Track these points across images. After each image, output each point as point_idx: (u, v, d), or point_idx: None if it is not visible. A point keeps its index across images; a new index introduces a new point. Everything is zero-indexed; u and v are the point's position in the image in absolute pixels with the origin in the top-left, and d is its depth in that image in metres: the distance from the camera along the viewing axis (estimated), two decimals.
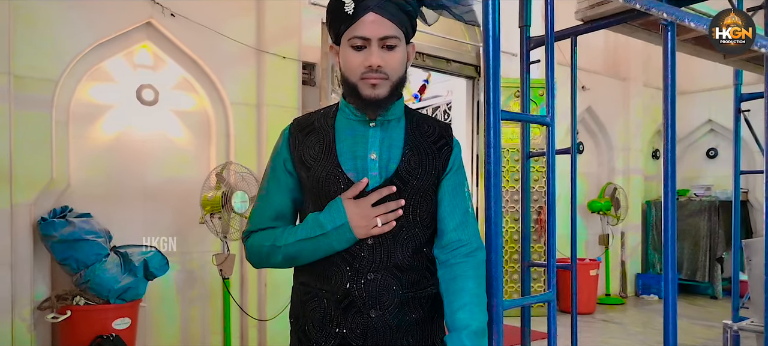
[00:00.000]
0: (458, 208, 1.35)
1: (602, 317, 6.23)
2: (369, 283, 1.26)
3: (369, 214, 1.24)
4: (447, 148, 1.35)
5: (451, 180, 1.35)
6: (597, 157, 7.33)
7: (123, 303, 3.25)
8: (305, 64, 4.54)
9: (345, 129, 1.31)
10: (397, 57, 1.24)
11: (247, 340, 4.08)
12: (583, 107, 6.85)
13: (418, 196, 1.30)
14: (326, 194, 1.27)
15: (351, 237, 1.24)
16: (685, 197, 7.62)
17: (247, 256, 1.39)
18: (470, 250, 1.33)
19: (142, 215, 3.78)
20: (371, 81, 1.22)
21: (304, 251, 1.27)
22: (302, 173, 1.30)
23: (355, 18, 1.20)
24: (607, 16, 2.43)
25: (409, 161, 1.30)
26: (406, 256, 1.28)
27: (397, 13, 1.22)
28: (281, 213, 1.34)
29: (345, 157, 1.28)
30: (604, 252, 6.99)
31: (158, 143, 3.87)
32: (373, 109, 1.25)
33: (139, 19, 3.67)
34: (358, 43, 1.21)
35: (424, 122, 1.37)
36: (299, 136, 1.32)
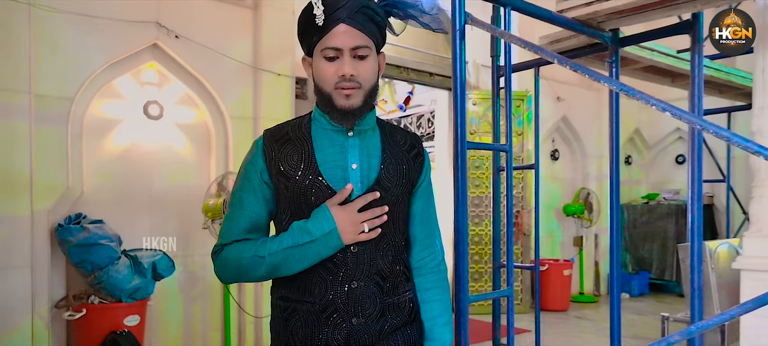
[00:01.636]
0: (430, 220, 1.42)
1: (576, 315, 6.63)
2: (352, 291, 1.28)
3: (356, 220, 1.25)
4: (420, 157, 1.39)
5: (424, 192, 1.41)
6: (572, 163, 7.76)
7: (133, 302, 3.59)
8: (298, 80, 4.89)
9: (322, 139, 1.31)
10: (368, 66, 1.25)
11: (244, 335, 4.42)
12: (558, 116, 7.28)
13: (397, 203, 1.33)
14: (308, 204, 1.27)
15: (338, 244, 1.24)
16: (655, 201, 8.08)
17: (219, 271, 1.34)
18: (437, 262, 1.43)
19: (148, 220, 4.11)
20: (345, 91, 1.23)
21: (290, 260, 1.25)
22: (281, 184, 1.28)
23: (327, 29, 1.22)
24: (564, 51, 2.82)
25: (387, 170, 1.32)
26: (387, 262, 1.31)
27: (368, 23, 1.24)
28: (257, 225, 1.31)
29: (326, 167, 1.28)
30: (578, 253, 7.42)
31: (163, 154, 4.20)
32: (347, 119, 1.26)
33: (147, 41, 4.00)
34: (331, 53, 1.22)
35: (396, 132, 1.40)
36: (275, 146, 1.30)
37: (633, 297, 7.59)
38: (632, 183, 8.58)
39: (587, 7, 2.27)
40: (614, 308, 2.60)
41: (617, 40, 2.59)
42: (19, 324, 3.40)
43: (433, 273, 1.41)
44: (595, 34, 2.49)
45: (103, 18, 3.77)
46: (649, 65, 3.04)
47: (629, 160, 8.57)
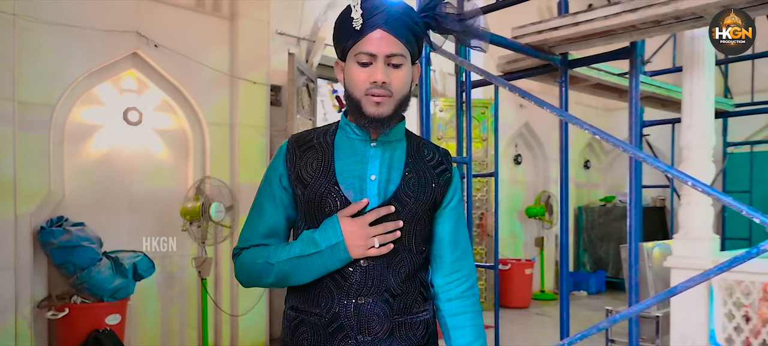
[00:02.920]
0: (461, 240, 1.36)
1: (536, 312, 6.98)
2: (359, 307, 1.23)
3: (366, 233, 1.20)
4: (447, 175, 1.33)
5: (454, 211, 1.34)
6: (533, 167, 8.13)
7: (115, 301, 3.74)
8: (273, 87, 5.10)
9: (345, 147, 1.27)
10: (402, 75, 1.21)
11: (220, 333, 4.60)
12: (521, 123, 7.63)
13: (415, 220, 1.27)
14: (322, 213, 1.24)
15: (345, 257, 1.20)
16: (611, 203, 8.51)
17: (237, 274, 1.33)
18: (470, 285, 1.36)
19: (127, 223, 4.26)
20: (375, 98, 1.19)
21: (297, 270, 1.23)
22: (298, 190, 1.26)
23: (363, 34, 1.18)
24: (518, 70, 3.11)
25: (408, 184, 1.27)
26: (398, 281, 1.26)
27: (405, 32, 1.20)
28: (275, 229, 1.29)
29: (343, 176, 1.24)
30: (539, 253, 7.79)
31: (142, 159, 4.35)
32: (375, 128, 1.22)
33: (127, 50, 4.15)
34: (365, 59, 1.19)
35: (424, 146, 1.34)
36: (297, 152, 1.28)
37: (590, 295, 8.00)
38: (591, 186, 9.02)
39: (538, 35, 2.55)
40: (564, 302, 2.90)
41: (566, 63, 2.89)
42: (2, 324, 3.53)
43: (462, 298, 1.35)
44: (547, 57, 2.78)
45: (84, 28, 3.91)
46: (597, 83, 3.35)
47: (588, 165, 9.00)
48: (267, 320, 4.88)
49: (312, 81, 5.36)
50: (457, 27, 1.28)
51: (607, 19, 2.33)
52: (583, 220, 8.68)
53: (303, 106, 5.12)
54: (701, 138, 2.63)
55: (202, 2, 4.62)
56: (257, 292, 4.67)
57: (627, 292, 2.72)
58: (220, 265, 4.60)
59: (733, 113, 5.18)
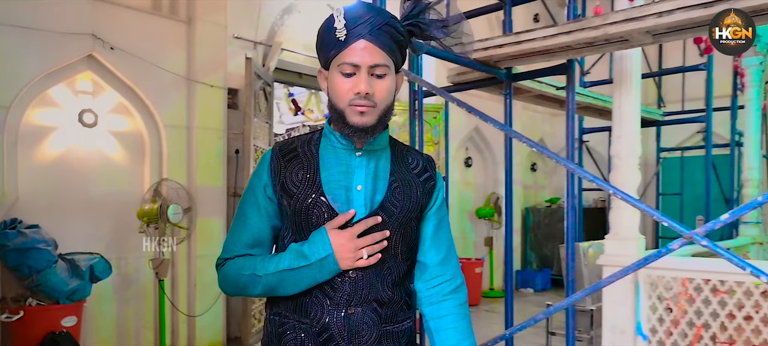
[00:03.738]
0: (443, 243, 1.35)
1: (486, 308, 7.27)
2: (349, 317, 1.23)
3: (355, 246, 1.21)
4: (431, 182, 1.33)
5: (436, 215, 1.34)
6: (483, 170, 8.44)
7: (71, 303, 3.76)
8: (230, 91, 5.17)
9: (330, 157, 1.27)
10: (385, 86, 1.20)
11: (177, 334, 4.65)
12: (471, 127, 7.92)
13: (401, 229, 1.27)
14: (308, 224, 1.24)
15: (334, 269, 1.21)
16: (556, 204, 8.92)
17: (222, 284, 1.33)
18: (455, 286, 1.35)
19: (83, 225, 4.26)
20: (359, 108, 1.18)
21: (285, 282, 1.23)
22: (284, 200, 1.25)
23: (346, 44, 1.17)
24: (467, 82, 3.32)
25: (394, 194, 1.27)
26: (386, 289, 1.26)
27: (388, 42, 1.20)
28: (259, 240, 1.29)
29: (330, 186, 1.24)
30: (488, 252, 8.10)
31: (97, 161, 4.36)
32: (359, 137, 1.21)
33: (82, 52, 4.16)
34: (348, 69, 1.18)
35: (408, 154, 1.35)
36: (281, 161, 1.27)
37: (537, 292, 8.36)
38: (537, 188, 9.42)
39: (485, 51, 2.77)
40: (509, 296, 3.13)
41: (510, 76, 3.12)
42: None
43: (447, 300, 1.34)
44: (493, 71, 3.00)
45: (39, 30, 3.91)
46: (539, 94, 3.61)
47: (535, 168, 9.39)
48: (224, 320, 4.95)
49: (269, 85, 5.45)
50: (440, 34, 1.27)
51: (545, 39, 2.56)
52: (530, 220, 9.05)
53: (260, 109, 5.21)
54: (629, 147, 2.90)
55: (158, 5, 4.66)
56: (214, 292, 4.74)
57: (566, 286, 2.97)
58: (178, 266, 4.65)
59: (664, 122, 5.58)
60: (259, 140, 5.14)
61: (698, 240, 1.81)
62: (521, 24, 7.51)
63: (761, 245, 4.99)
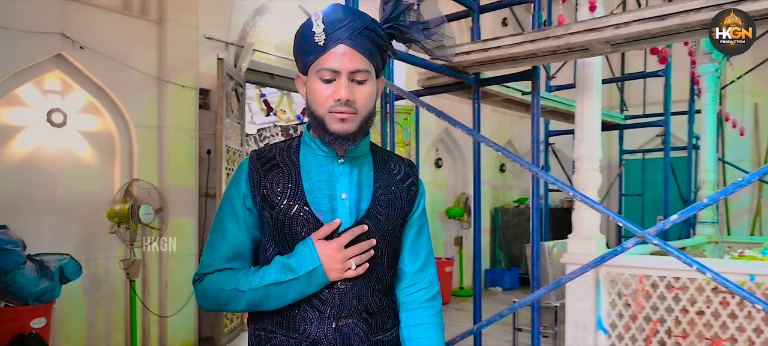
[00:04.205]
0: (422, 251, 1.34)
1: (456, 307, 7.41)
2: (340, 329, 1.20)
3: (343, 256, 1.17)
4: (414, 187, 1.31)
5: (417, 222, 1.32)
6: (453, 171, 8.58)
7: (40, 305, 3.73)
8: (202, 91, 5.18)
9: (311, 165, 1.23)
10: (366, 91, 1.17)
11: (148, 334, 4.64)
12: (441, 129, 8.05)
13: (387, 237, 1.25)
14: (293, 235, 1.20)
15: (323, 281, 1.18)
16: (524, 205, 9.12)
17: (200, 301, 1.26)
18: (431, 295, 1.33)
19: (51, 225, 4.22)
20: (340, 115, 1.14)
21: (271, 297, 1.18)
22: (265, 211, 1.21)
23: (325, 49, 1.14)
24: (437, 86, 3.42)
25: (379, 201, 1.24)
26: (375, 299, 1.24)
27: (369, 46, 1.16)
28: (239, 252, 1.24)
29: (313, 196, 1.20)
30: (458, 252, 8.25)
31: (66, 161, 4.32)
32: (340, 145, 1.18)
33: (51, 51, 4.12)
34: (327, 75, 1.14)
35: (390, 159, 1.32)
36: (260, 170, 1.22)
37: (505, 290, 8.54)
38: (506, 189, 9.61)
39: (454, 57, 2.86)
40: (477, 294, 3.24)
41: (479, 81, 3.23)
42: None
43: (423, 309, 1.32)
44: (461, 76, 3.10)
45: (7, 29, 3.86)
46: (506, 98, 3.73)
47: (503, 169, 9.58)
48: (196, 321, 4.96)
49: (240, 86, 5.47)
50: (421, 36, 1.24)
51: (511, 46, 2.67)
52: (498, 220, 9.23)
53: (232, 110, 5.23)
54: (591, 151, 3.03)
55: (129, 5, 4.64)
56: (186, 292, 4.74)
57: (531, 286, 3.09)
58: (149, 266, 4.64)
59: (626, 126, 5.79)
60: (231, 141, 5.16)
61: (650, 239, 1.93)
62: (489, 27, 7.68)
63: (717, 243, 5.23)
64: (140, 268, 4.25)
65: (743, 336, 2.80)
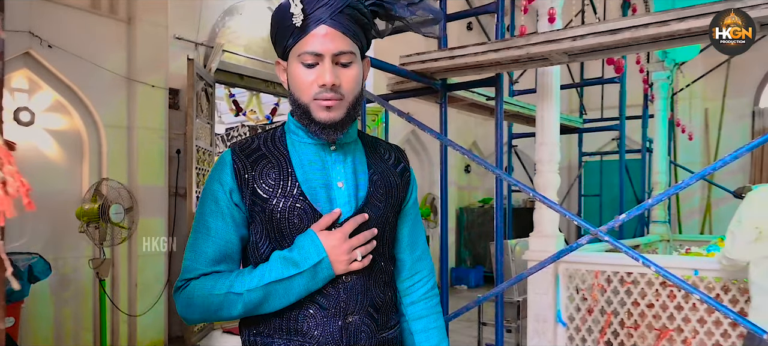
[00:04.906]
0: (420, 239, 1.29)
1: None
2: (346, 327, 1.12)
3: (348, 246, 1.10)
4: (407, 173, 1.25)
5: (411, 210, 1.26)
6: (420, 172, 8.76)
7: (8, 304, 3.71)
8: (171, 91, 5.20)
9: (302, 154, 1.14)
10: (352, 74, 1.09)
11: (118, 334, 4.64)
12: (409, 130, 8.21)
13: (386, 225, 1.19)
14: (290, 229, 1.11)
15: (329, 274, 1.09)
16: (489, 204, 9.36)
17: (184, 311, 1.13)
18: (431, 285, 1.30)
19: (19, 225, 4.19)
20: (326, 102, 1.07)
21: (272, 296, 1.09)
22: (257, 206, 1.11)
23: (306, 31, 1.05)
24: (405, 90, 3.56)
25: (377, 188, 1.17)
26: (379, 292, 1.18)
27: (352, 25, 1.08)
28: (227, 253, 1.13)
29: (309, 186, 1.12)
30: None
31: (34, 160, 4.30)
32: (328, 134, 1.10)
33: (19, 50, 4.10)
34: (309, 59, 1.06)
35: (378, 145, 1.26)
36: (246, 162, 1.13)
37: (470, 288, 8.76)
38: (471, 189, 9.84)
39: (422, 63, 3.01)
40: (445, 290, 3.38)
41: (445, 86, 3.38)
42: None
43: (425, 300, 1.28)
44: (429, 81, 3.25)
45: None
46: (471, 102, 3.90)
47: (468, 169, 9.81)
48: (165, 320, 4.98)
49: (210, 86, 5.51)
50: (406, 13, 1.17)
51: (476, 55, 2.83)
52: (464, 220, 9.45)
53: (202, 110, 5.27)
54: (550, 154, 3.22)
55: (97, 4, 4.64)
56: (156, 291, 4.77)
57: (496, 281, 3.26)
58: (118, 266, 4.65)
59: (585, 130, 6.05)
60: (201, 141, 5.20)
61: (601, 236, 2.10)
62: (454, 32, 7.88)
63: (668, 241, 5.53)
64: (110, 267, 4.26)
65: (688, 326, 3.03)
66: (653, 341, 3.16)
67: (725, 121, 8.11)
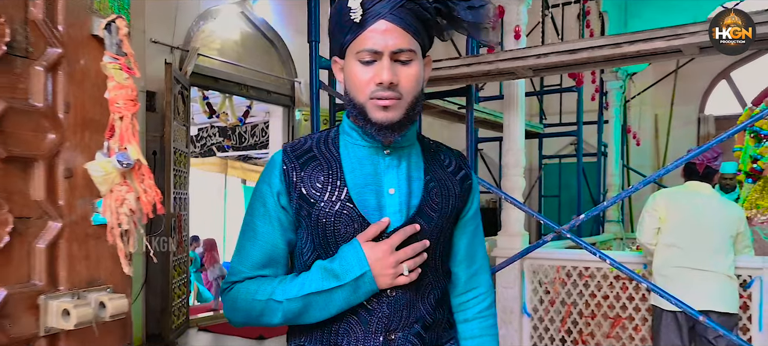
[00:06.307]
0: (478, 254, 1.20)
1: None
2: (389, 344, 1.05)
3: (394, 260, 1.03)
4: (468, 181, 1.16)
5: (470, 223, 1.18)
6: None
7: None
8: (148, 93, 5.28)
9: (354, 157, 1.09)
10: (412, 73, 1.02)
11: None
12: None
13: (441, 237, 1.11)
14: (335, 236, 1.06)
15: (372, 289, 1.03)
16: None
17: (229, 313, 1.12)
18: (488, 303, 1.21)
19: None
20: (382, 102, 1.00)
21: (312, 308, 1.04)
22: (303, 210, 1.07)
23: (364, 27, 1.00)
24: None
25: (432, 196, 1.10)
26: (429, 308, 1.10)
27: (414, 21, 1.02)
28: (273, 257, 1.10)
29: (358, 191, 1.06)
30: None
31: None
32: (384, 136, 1.03)
33: None
34: (367, 56, 1.01)
35: (439, 150, 1.18)
36: (296, 164, 1.08)
37: None
38: None
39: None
40: None
41: None
42: None
43: (480, 319, 1.19)
44: None
45: None
46: (442, 110, 4.17)
47: None
48: (143, 318, 5.07)
49: (186, 89, 5.62)
50: (468, 16, 1.08)
51: (450, 68, 3.08)
52: None
53: (179, 112, 5.38)
54: (516, 159, 3.51)
55: None
56: (134, 289, 4.85)
57: None
58: None
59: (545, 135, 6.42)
60: (178, 143, 5.31)
61: (565, 233, 2.39)
62: None
63: (621, 239, 5.94)
64: None
65: (639, 315, 3.36)
66: (608, 328, 3.49)
67: (673, 127, 8.66)
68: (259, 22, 6.41)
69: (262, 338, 5.26)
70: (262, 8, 6.43)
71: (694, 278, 2.66)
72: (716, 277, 2.65)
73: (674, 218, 2.77)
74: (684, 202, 2.79)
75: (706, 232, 2.70)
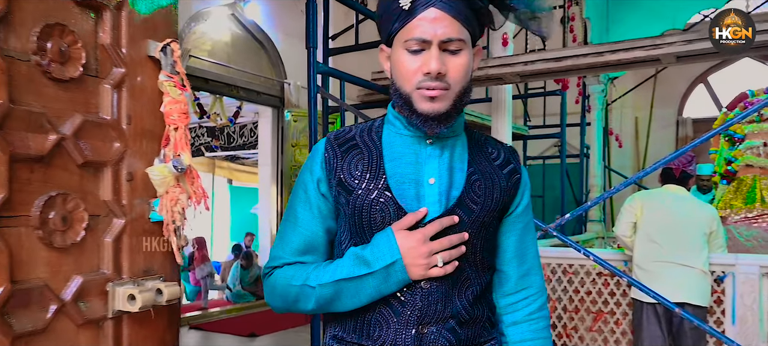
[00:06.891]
0: (529, 252, 1.16)
1: None
2: (421, 337, 1.03)
3: (427, 250, 1.00)
4: (517, 176, 1.12)
5: (521, 217, 1.14)
6: None
7: None
8: None
9: (395, 146, 1.07)
10: (461, 63, 0.99)
11: None
12: None
13: (483, 231, 1.07)
14: (371, 224, 1.04)
15: (403, 279, 1.01)
16: None
17: (269, 298, 1.14)
18: (540, 305, 1.15)
19: None
20: (429, 92, 0.97)
21: (342, 294, 1.04)
22: (342, 198, 1.06)
23: (413, 15, 0.98)
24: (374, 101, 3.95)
25: (474, 188, 1.06)
26: (466, 305, 1.06)
27: (464, 9, 0.99)
28: (312, 244, 1.10)
29: (396, 180, 1.04)
30: None
31: None
32: (430, 127, 1.00)
33: None
34: (415, 46, 0.98)
35: (487, 142, 1.14)
36: (338, 151, 1.08)
37: None
38: None
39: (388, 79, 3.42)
40: None
41: None
42: None
43: (530, 321, 1.14)
44: None
45: None
46: None
47: None
48: None
49: None
50: (522, 6, 1.05)
51: None
52: None
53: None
54: None
55: None
56: None
57: None
58: None
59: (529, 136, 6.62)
60: None
61: (551, 232, 2.55)
62: None
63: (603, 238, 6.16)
64: None
65: (620, 309, 3.55)
66: (591, 322, 3.67)
67: (653, 129, 8.93)
68: (249, 24, 6.51)
69: (254, 336, 5.36)
70: (253, 10, 6.53)
71: (672, 272, 2.85)
72: (692, 271, 2.85)
73: (651, 216, 2.97)
74: (660, 201, 3.00)
75: (681, 229, 2.90)
